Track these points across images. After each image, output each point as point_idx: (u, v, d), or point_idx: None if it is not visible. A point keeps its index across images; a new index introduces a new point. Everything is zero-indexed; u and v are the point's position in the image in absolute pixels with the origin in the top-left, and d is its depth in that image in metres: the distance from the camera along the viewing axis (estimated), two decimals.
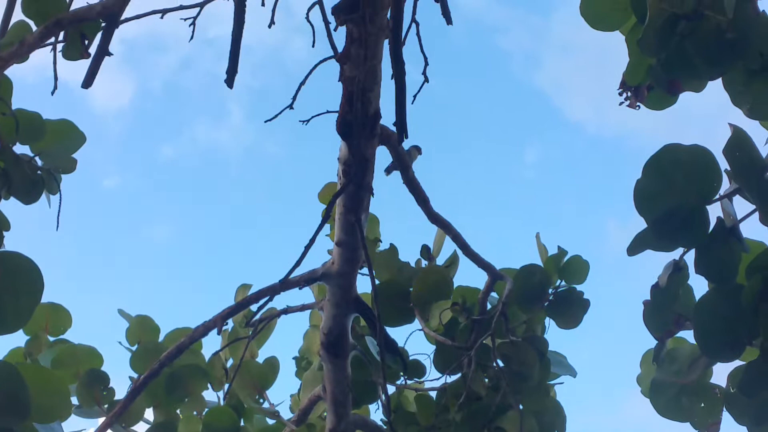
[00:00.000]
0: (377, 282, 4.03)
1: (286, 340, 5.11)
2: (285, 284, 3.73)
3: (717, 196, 3.13)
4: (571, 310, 3.88)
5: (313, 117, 3.46)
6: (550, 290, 3.88)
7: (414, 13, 3.26)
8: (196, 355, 4.60)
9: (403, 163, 3.56)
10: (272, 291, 3.72)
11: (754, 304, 3.15)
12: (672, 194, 3.11)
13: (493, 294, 3.97)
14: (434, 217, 3.73)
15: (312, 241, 3.03)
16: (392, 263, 4.18)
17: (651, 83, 3.40)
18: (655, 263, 3.39)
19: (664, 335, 3.46)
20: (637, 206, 3.13)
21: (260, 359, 4.64)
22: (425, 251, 4.24)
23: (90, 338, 4.69)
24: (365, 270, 4.05)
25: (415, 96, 3.26)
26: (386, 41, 3.07)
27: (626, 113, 3.49)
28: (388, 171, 3.77)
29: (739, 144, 3.03)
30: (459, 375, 3.81)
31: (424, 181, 3.71)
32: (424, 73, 3.39)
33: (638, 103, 3.44)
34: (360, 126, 3.18)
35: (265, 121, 3.59)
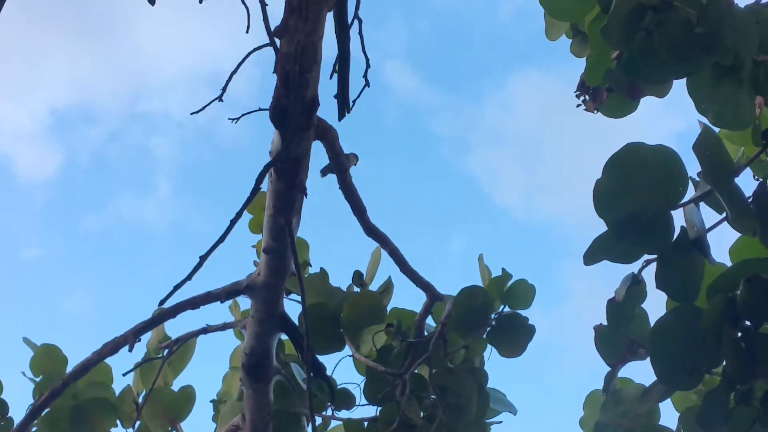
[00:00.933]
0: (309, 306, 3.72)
1: (204, 380, 4.74)
2: (207, 297, 3.38)
3: (682, 201, 2.89)
4: (514, 336, 3.57)
5: (244, 114, 3.18)
6: (493, 315, 3.57)
7: (357, 8, 3.02)
8: (106, 389, 4.18)
9: (340, 164, 3.25)
10: (191, 304, 3.37)
11: (716, 328, 2.90)
12: (634, 196, 2.86)
13: (430, 321, 3.66)
14: (370, 229, 3.41)
15: (236, 219, 2.67)
16: (322, 288, 3.84)
17: (610, 86, 3.17)
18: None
19: (617, 362, 3.19)
20: (596, 207, 2.87)
21: (175, 387, 4.22)
22: (357, 277, 3.91)
23: None
24: (295, 296, 3.78)
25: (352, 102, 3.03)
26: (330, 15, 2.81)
27: (555, 201, 3.31)
28: (323, 172, 3.45)
29: (708, 142, 2.80)
30: (392, 401, 3.45)
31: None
32: (365, 76, 3.15)
33: (596, 108, 3.20)
34: (296, 113, 2.88)
35: (192, 113, 3.30)
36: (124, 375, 3.61)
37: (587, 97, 3.17)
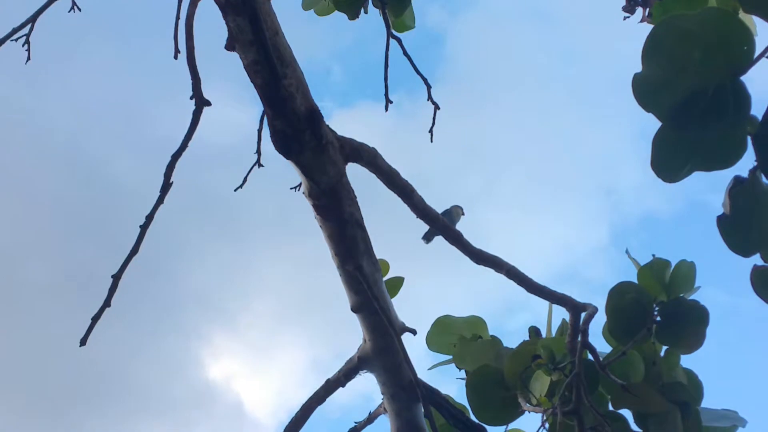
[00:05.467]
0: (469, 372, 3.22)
1: None
2: (328, 386, 3.01)
3: (753, 59, 2.20)
4: (686, 326, 2.82)
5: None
6: (654, 308, 2.86)
7: None
8: None
9: (401, 188, 2.83)
10: (317, 400, 3.01)
11: None
12: (687, 74, 2.21)
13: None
14: (478, 256, 2.91)
15: (146, 225, 2.34)
16: (491, 353, 3.31)
17: None
18: None
19: None
20: (640, 101, 2.24)
21: None
22: (534, 334, 3.34)
23: None
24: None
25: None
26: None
27: None
28: (427, 238, 3.04)
29: None
30: None
31: None
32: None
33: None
34: (297, 134, 2.55)
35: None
36: None
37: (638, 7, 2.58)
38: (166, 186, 2.37)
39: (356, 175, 2.74)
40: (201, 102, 2.44)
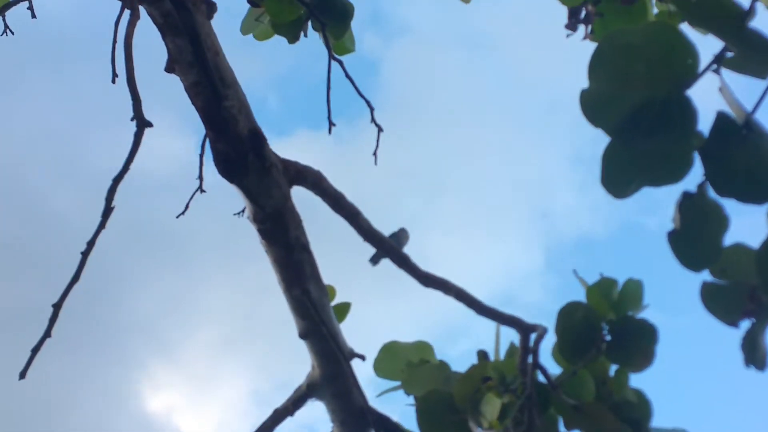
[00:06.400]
0: (415, 398, 3.18)
1: None
2: (276, 416, 2.94)
3: (698, 73, 2.20)
4: (636, 345, 2.81)
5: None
6: (603, 326, 2.85)
7: None
8: None
9: (347, 211, 2.79)
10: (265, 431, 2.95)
11: None
12: (632, 89, 2.21)
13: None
14: (426, 278, 2.88)
15: (87, 251, 2.27)
16: (440, 378, 3.28)
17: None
18: None
19: (738, 317, 2.41)
20: (588, 117, 2.23)
21: None
22: (482, 358, 3.31)
23: None
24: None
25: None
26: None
27: None
28: (374, 261, 3.00)
29: None
30: None
31: None
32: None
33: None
34: (241, 158, 2.51)
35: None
36: None
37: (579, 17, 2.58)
38: (107, 210, 2.31)
39: (301, 198, 2.70)
40: (142, 123, 2.39)
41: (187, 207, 3.12)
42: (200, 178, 3.04)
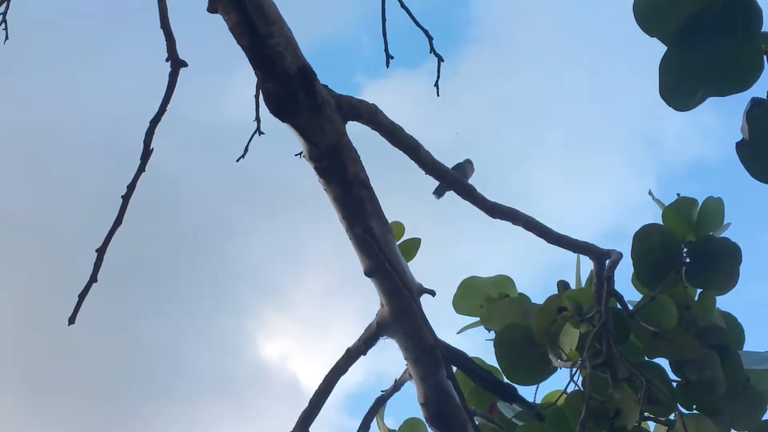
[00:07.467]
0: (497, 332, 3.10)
1: None
2: (349, 356, 2.90)
3: None
4: (718, 265, 2.67)
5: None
6: (683, 249, 2.71)
7: None
8: None
9: (406, 144, 2.70)
10: (339, 371, 2.91)
11: None
12: None
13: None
14: (493, 210, 2.77)
15: (128, 195, 2.21)
16: (519, 311, 3.18)
17: None
18: None
19: None
20: (644, 27, 2.10)
21: None
22: (562, 287, 3.20)
23: None
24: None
25: None
26: None
27: None
28: (438, 193, 2.90)
29: None
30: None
31: None
32: None
33: None
34: (291, 95, 2.44)
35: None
36: None
37: None
38: (146, 153, 2.27)
39: (358, 134, 2.62)
40: (177, 63, 2.33)
41: (246, 150, 3.06)
42: (257, 119, 2.98)
